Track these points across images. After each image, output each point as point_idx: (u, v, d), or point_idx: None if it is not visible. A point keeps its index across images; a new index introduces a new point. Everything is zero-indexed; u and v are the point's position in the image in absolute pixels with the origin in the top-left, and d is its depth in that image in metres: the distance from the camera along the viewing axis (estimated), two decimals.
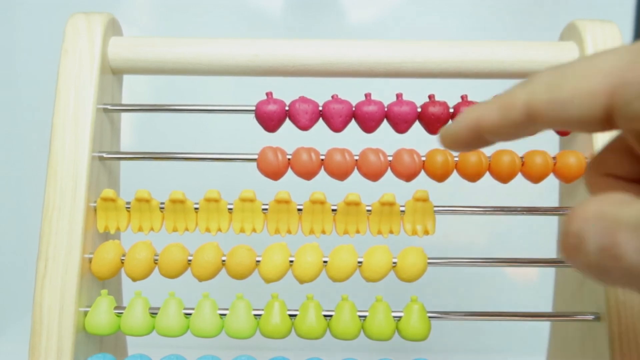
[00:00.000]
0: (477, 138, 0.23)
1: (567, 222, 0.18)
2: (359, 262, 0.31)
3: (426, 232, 0.32)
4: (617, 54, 0.19)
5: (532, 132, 0.22)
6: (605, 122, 0.19)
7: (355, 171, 0.33)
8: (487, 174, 0.33)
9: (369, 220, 0.32)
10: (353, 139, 0.35)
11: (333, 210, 0.32)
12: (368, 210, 0.32)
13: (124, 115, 0.37)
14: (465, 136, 0.24)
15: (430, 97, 0.33)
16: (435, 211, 0.32)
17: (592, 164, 0.23)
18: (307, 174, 0.33)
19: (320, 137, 0.35)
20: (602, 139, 0.32)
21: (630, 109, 0.18)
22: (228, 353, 0.32)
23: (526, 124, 0.21)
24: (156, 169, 0.47)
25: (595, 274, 0.18)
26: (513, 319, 0.33)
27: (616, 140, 0.22)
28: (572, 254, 0.18)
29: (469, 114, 0.23)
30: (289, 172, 0.33)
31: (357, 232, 0.33)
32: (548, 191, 0.38)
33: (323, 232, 0.33)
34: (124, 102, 0.38)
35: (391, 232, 0.32)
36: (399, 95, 0.33)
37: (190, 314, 0.31)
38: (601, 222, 0.17)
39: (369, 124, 0.33)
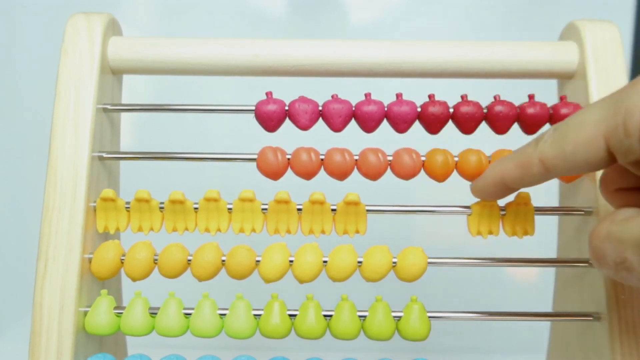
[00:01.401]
0: (504, 190, 0.29)
1: (589, 239, 0.23)
2: (359, 262, 0.31)
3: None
4: (601, 106, 0.23)
5: (547, 180, 0.27)
6: (608, 159, 0.23)
7: (355, 171, 0.33)
8: None
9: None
10: (353, 139, 0.35)
11: (333, 210, 0.32)
12: (367, 210, 0.32)
13: (124, 115, 0.37)
14: (492, 190, 0.29)
15: (430, 97, 0.33)
16: (435, 211, 0.32)
17: (601, 184, 0.27)
18: (307, 174, 0.33)
19: (320, 137, 0.35)
20: None
21: (624, 145, 0.22)
22: (228, 353, 0.32)
23: (544, 175, 0.26)
24: (156, 169, 0.47)
25: (620, 281, 0.21)
26: (513, 319, 0.33)
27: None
28: (598, 266, 0.23)
29: (492, 171, 0.29)
30: (289, 172, 0.33)
31: (357, 232, 0.33)
32: (548, 191, 0.38)
33: (323, 232, 0.33)
34: (124, 102, 0.38)
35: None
36: (399, 95, 0.33)
37: (190, 314, 0.31)
38: (610, 242, 0.21)
39: (369, 124, 0.33)
